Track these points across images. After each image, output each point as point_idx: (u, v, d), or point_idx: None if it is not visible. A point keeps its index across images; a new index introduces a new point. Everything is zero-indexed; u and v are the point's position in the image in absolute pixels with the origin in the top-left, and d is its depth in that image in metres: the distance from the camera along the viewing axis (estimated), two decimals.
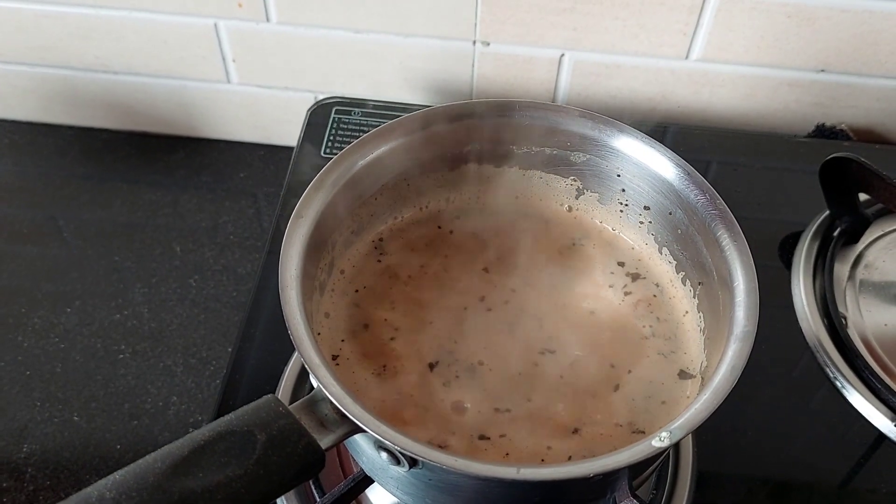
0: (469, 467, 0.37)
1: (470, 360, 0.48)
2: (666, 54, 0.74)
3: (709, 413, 0.39)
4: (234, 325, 0.70)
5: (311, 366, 0.39)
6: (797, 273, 0.67)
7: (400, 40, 0.75)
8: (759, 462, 0.58)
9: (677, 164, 0.48)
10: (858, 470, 0.58)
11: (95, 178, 0.81)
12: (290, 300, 0.42)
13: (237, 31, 0.75)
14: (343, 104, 0.77)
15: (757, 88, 0.77)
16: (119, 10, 0.74)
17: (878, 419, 0.59)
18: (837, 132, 0.79)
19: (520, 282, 0.51)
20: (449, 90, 0.79)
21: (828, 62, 0.74)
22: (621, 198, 0.52)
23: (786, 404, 0.61)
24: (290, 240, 0.44)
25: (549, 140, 0.52)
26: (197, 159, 0.83)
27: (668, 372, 0.47)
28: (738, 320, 0.42)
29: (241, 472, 0.36)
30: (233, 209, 0.79)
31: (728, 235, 0.45)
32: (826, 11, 0.70)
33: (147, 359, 0.68)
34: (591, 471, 0.37)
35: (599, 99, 0.79)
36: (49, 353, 0.68)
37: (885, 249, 0.69)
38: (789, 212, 0.72)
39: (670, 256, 0.51)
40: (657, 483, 0.55)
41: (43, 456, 0.62)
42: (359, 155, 0.49)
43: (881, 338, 0.63)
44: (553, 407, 0.46)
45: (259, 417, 0.38)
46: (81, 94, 0.82)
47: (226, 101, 0.82)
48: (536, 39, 0.74)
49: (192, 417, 0.65)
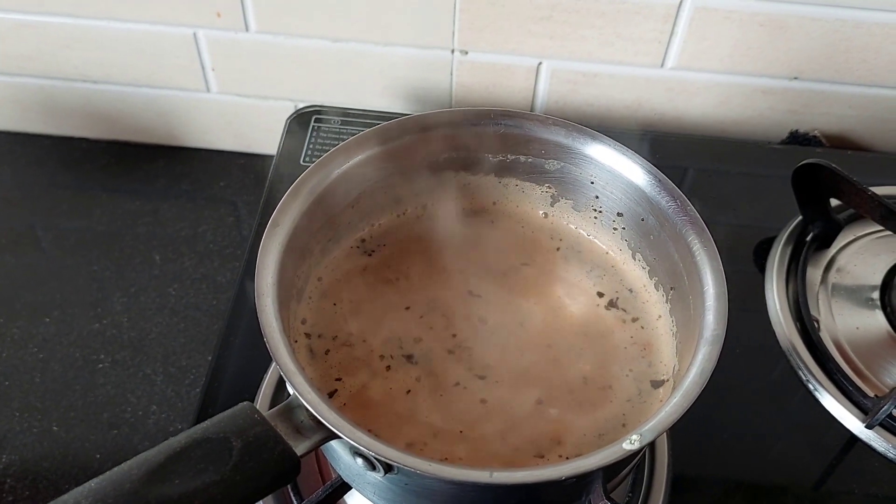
0: (443, 472, 0.37)
1: (445, 368, 0.48)
2: (642, 62, 0.75)
3: (679, 415, 0.39)
4: (214, 333, 0.70)
5: (286, 372, 0.40)
6: (770, 277, 0.68)
7: (379, 49, 0.75)
8: (734, 464, 0.59)
9: (649, 172, 0.49)
10: (832, 471, 0.59)
11: (74, 187, 0.81)
12: (266, 308, 0.42)
13: (216, 40, 0.75)
14: (322, 112, 0.77)
15: (731, 96, 0.78)
16: (98, 20, 0.75)
17: (850, 421, 0.60)
18: (811, 139, 0.80)
19: (496, 287, 0.52)
20: (428, 98, 0.80)
21: (800, 70, 0.76)
22: (595, 204, 0.53)
23: (760, 407, 0.61)
24: (267, 248, 0.45)
25: (524, 148, 0.52)
26: (177, 168, 0.83)
27: (641, 378, 0.48)
28: (708, 324, 0.43)
29: (217, 478, 0.36)
30: (212, 218, 0.79)
31: (698, 241, 0.46)
32: (798, 20, 0.71)
33: (126, 368, 0.68)
34: (564, 474, 0.37)
35: (577, 106, 0.80)
36: (28, 363, 0.68)
37: (857, 254, 0.70)
38: (763, 217, 0.73)
39: (643, 262, 0.52)
40: (633, 486, 0.55)
41: (22, 466, 0.62)
42: (336, 163, 0.49)
43: (853, 341, 0.64)
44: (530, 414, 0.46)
45: (235, 424, 0.38)
46: (60, 104, 0.82)
47: (205, 110, 0.82)
48: (514, 48, 0.75)
49: (172, 426, 0.65)
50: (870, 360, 0.63)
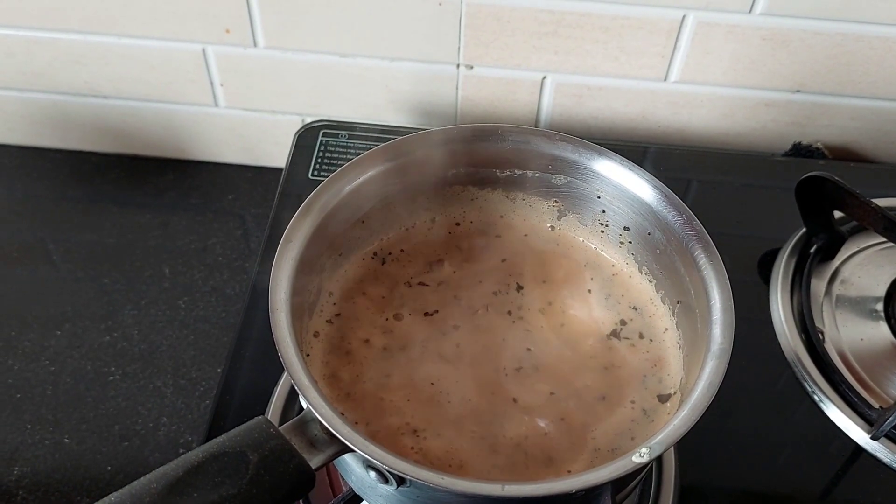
0: (455, 485, 0.38)
1: (448, 380, 0.49)
2: (645, 76, 0.76)
3: (687, 429, 0.40)
4: (224, 345, 0.70)
5: (300, 387, 0.40)
6: (775, 289, 0.68)
7: (386, 64, 0.76)
8: (741, 475, 0.59)
9: (655, 187, 0.50)
10: (837, 482, 0.59)
11: (85, 200, 0.82)
12: (280, 323, 0.43)
13: (225, 56, 0.76)
14: (330, 127, 0.78)
15: (734, 109, 0.79)
16: (109, 36, 0.76)
17: (855, 432, 0.60)
18: (814, 151, 0.81)
19: (505, 300, 0.53)
20: (434, 112, 0.80)
21: (803, 83, 0.76)
22: (602, 219, 0.54)
23: (765, 418, 0.62)
24: (280, 264, 0.45)
25: (531, 163, 0.53)
26: (186, 182, 0.84)
27: (649, 393, 0.49)
28: (715, 338, 0.43)
29: (234, 491, 0.37)
30: (221, 231, 0.80)
31: (704, 255, 0.47)
32: (800, 34, 0.72)
33: (137, 380, 0.69)
34: (574, 487, 0.38)
35: (581, 120, 0.80)
36: (39, 375, 0.69)
37: (860, 265, 0.70)
38: (767, 229, 0.74)
39: (650, 275, 0.53)
40: (640, 497, 0.56)
41: (34, 478, 0.63)
42: (346, 180, 0.50)
43: (857, 352, 0.64)
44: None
45: (251, 438, 0.39)
46: (71, 119, 0.83)
47: (214, 124, 0.83)
48: (519, 62, 0.76)
49: (183, 438, 0.65)
50: (874, 372, 0.63)
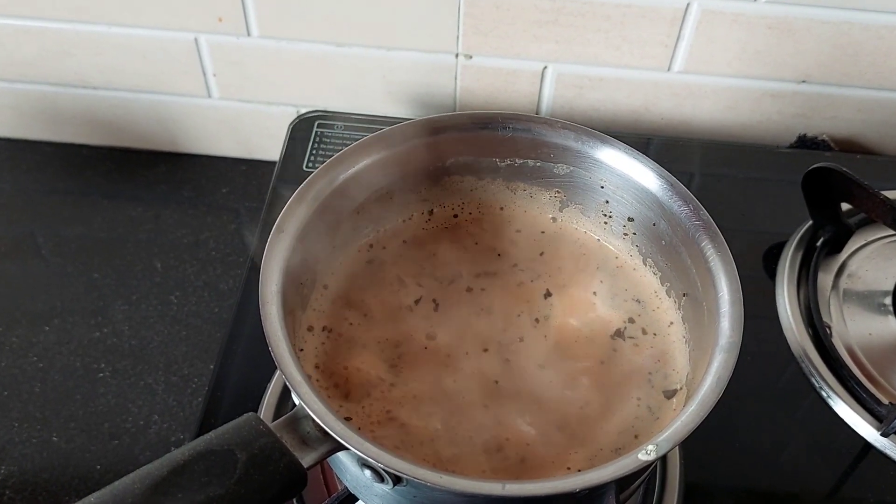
0: (454, 484, 0.37)
1: (446, 375, 0.47)
2: (648, 66, 0.75)
3: (695, 425, 0.38)
4: (216, 341, 0.69)
5: (292, 383, 0.39)
6: (781, 283, 0.67)
7: (382, 54, 0.75)
8: (747, 473, 0.58)
9: (660, 176, 0.48)
10: (845, 479, 0.58)
11: (75, 193, 0.81)
12: (271, 316, 0.41)
13: (218, 45, 0.75)
14: (325, 118, 0.77)
15: (739, 100, 0.77)
16: (98, 25, 0.74)
17: (863, 428, 0.59)
18: (819, 143, 0.80)
19: (504, 294, 0.51)
20: (432, 103, 0.79)
21: (809, 73, 0.75)
22: (605, 209, 0.52)
23: (772, 414, 0.61)
24: (271, 255, 0.44)
25: (532, 152, 0.52)
26: (178, 174, 0.83)
27: (654, 389, 0.47)
28: (724, 331, 0.42)
29: (221, 492, 0.36)
30: (214, 224, 0.78)
31: (712, 246, 0.45)
32: (806, 23, 0.71)
33: (127, 377, 0.67)
34: (577, 486, 0.37)
35: (583, 111, 0.79)
36: (27, 372, 0.67)
37: (868, 259, 0.69)
38: (773, 222, 0.72)
39: (655, 267, 0.51)
40: (644, 495, 0.55)
41: (21, 477, 0.61)
42: (341, 168, 0.48)
43: (865, 347, 0.63)
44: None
45: (239, 436, 0.37)
46: (61, 110, 0.82)
47: (207, 116, 0.81)
48: (519, 52, 0.74)
49: (174, 436, 0.64)
50: (883, 367, 0.62)
